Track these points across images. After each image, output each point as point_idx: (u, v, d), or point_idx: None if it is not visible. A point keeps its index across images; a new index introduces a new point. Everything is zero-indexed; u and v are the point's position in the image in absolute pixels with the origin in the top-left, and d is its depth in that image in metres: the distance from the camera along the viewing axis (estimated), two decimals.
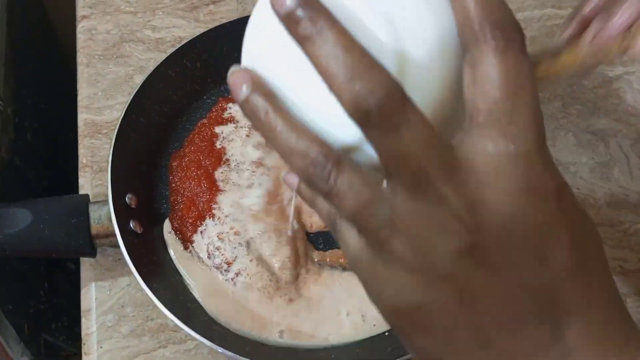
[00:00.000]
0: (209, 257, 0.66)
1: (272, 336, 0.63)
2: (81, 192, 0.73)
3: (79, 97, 0.81)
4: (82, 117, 0.79)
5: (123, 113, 0.70)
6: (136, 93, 0.72)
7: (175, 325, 0.60)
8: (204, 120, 0.76)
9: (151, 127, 0.74)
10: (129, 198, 0.67)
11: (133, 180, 0.70)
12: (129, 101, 0.71)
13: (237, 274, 0.65)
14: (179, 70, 0.77)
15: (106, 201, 0.64)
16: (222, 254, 0.66)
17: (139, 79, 0.76)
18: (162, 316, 0.65)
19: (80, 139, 0.77)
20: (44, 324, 0.82)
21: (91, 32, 0.86)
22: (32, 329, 0.77)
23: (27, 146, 0.85)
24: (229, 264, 0.66)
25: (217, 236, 0.67)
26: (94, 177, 0.74)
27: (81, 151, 0.76)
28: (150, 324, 0.66)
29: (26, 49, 0.92)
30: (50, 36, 0.99)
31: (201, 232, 0.67)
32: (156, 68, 0.75)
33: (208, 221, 0.67)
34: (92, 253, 0.64)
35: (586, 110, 0.88)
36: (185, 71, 0.78)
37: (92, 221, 0.63)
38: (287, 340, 0.64)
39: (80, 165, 0.75)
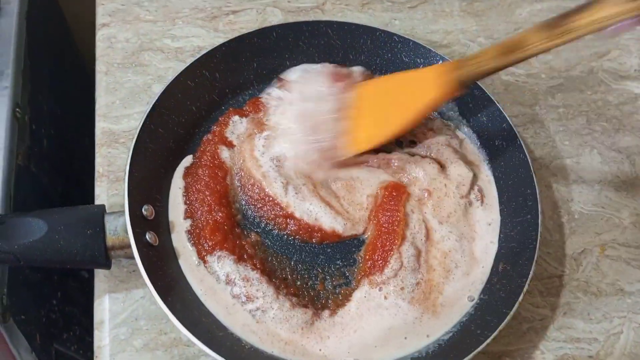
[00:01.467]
0: (227, 284, 0.65)
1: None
2: (97, 201, 0.73)
3: (97, 106, 0.80)
4: (100, 125, 0.78)
5: (141, 123, 0.69)
6: (155, 103, 0.71)
7: (189, 340, 0.59)
8: (209, 136, 0.75)
9: (169, 138, 0.73)
10: (145, 209, 0.66)
11: (150, 191, 0.69)
12: (148, 111, 0.70)
13: (262, 311, 0.64)
14: (197, 80, 0.76)
15: (122, 212, 0.63)
16: (243, 288, 0.64)
17: (158, 89, 0.75)
18: (175, 330, 0.64)
19: (97, 147, 0.77)
20: (56, 333, 0.81)
21: (110, 40, 0.86)
22: (44, 339, 0.76)
23: (43, 153, 0.84)
24: (249, 298, 0.64)
25: (242, 278, 0.65)
26: (110, 187, 0.73)
27: (98, 160, 0.76)
28: (163, 338, 0.65)
29: (45, 56, 0.92)
30: (69, 44, 0.99)
31: (218, 257, 0.66)
32: (175, 78, 0.74)
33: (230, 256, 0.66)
34: (107, 264, 0.63)
35: (611, 127, 0.86)
36: (204, 81, 0.77)
37: (107, 232, 0.62)
38: None
39: (97, 174, 0.75)
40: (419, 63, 0.81)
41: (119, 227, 0.62)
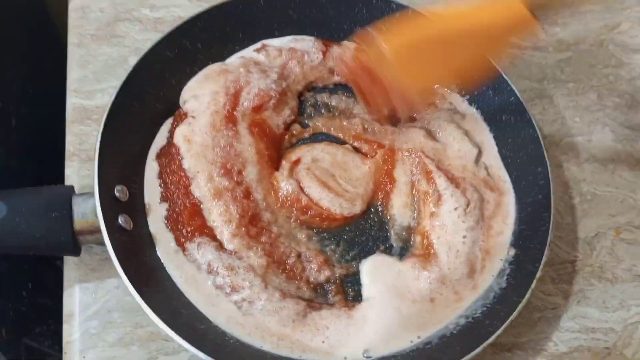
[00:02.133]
0: (209, 273, 0.59)
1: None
2: (67, 182, 0.66)
3: (68, 80, 0.73)
4: (71, 101, 0.72)
5: (114, 97, 0.63)
6: (129, 74, 0.65)
7: (167, 334, 0.53)
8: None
9: (145, 114, 0.66)
10: (118, 190, 0.60)
11: (124, 171, 0.62)
12: (122, 84, 0.64)
13: (248, 302, 0.58)
14: (177, 51, 0.70)
15: (92, 193, 0.57)
16: (227, 278, 0.58)
17: (134, 61, 0.68)
18: (152, 324, 0.58)
19: (68, 125, 0.70)
20: (26, 327, 0.75)
21: (84, 10, 0.79)
22: (11, 334, 0.69)
23: (11, 133, 0.78)
24: (234, 289, 0.58)
25: (225, 266, 0.58)
26: (82, 167, 0.67)
27: (69, 138, 0.69)
28: (139, 331, 0.59)
29: (15, 28, 0.85)
30: (42, 15, 0.92)
31: (198, 243, 0.60)
32: (152, 48, 0.68)
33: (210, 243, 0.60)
34: (76, 251, 0.57)
35: (623, 103, 0.80)
36: (185, 53, 0.70)
37: (75, 215, 0.56)
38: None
39: (67, 153, 0.68)
40: None
41: (89, 210, 0.56)
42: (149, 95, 0.67)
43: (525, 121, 0.69)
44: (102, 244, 0.56)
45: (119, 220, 0.58)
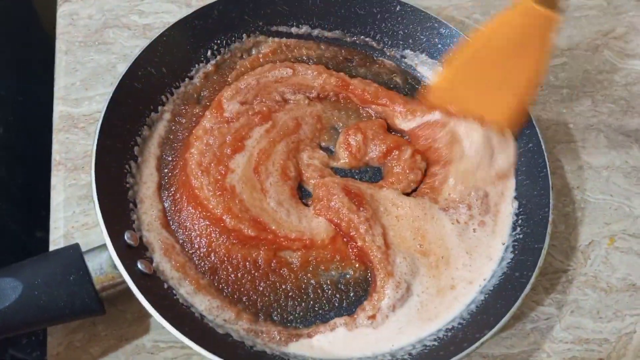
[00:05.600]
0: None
1: None
2: (53, 192, 0.65)
3: (56, 88, 0.73)
4: (58, 109, 0.71)
5: (98, 129, 0.59)
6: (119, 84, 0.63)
7: (160, 346, 0.52)
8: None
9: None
10: (128, 238, 0.56)
11: (127, 212, 0.59)
12: (107, 101, 0.61)
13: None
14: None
15: (103, 246, 0.54)
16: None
17: (123, 68, 0.67)
18: (137, 336, 0.57)
19: (54, 133, 0.69)
20: (12, 338, 0.73)
21: (72, 17, 0.78)
22: None
23: None
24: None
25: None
26: (68, 176, 0.66)
27: (55, 147, 0.68)
28: (124, 344, 0.58)
29: (3, 35, 0.84)
30: (31, 22, 0.91)
31: None
32: (142, 52, 0.66)
33: None
34: (102, 310, 0.54)
35: (618, 109, 0.79)
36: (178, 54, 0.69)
37: (93, 273, 0.52)
38: None
39: (53, 162, 0.67)
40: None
41: (104, 264, 0.53)
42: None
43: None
44: (127, 296, 0.53)
45: (139, 267, 0.55)
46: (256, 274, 0.60)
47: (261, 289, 0.59)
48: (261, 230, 0.61)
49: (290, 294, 0.59)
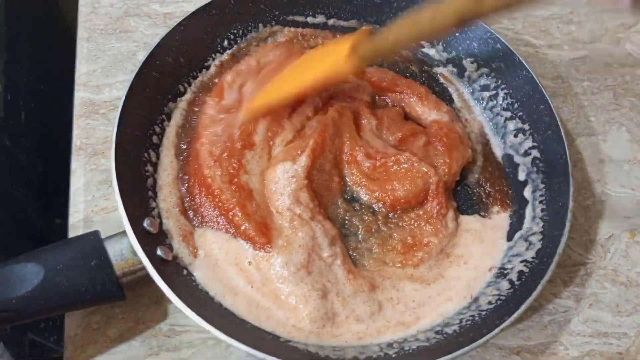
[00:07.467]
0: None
1: None
2: (73, 177, 0.66)
3: (77, 74, 0.73)
4: (79, 95, 0.72)
5: (117, 124, 0.58)
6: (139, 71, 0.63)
7: (169, 330, 0.52)
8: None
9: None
10: (148, 224, 0.57)
11: (146, 200, 0.60)
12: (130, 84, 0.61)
13: None
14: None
15: (122, 232, 0.54)
16: None
17: (143, 56, 0.68)
18: (154, 319, 0.58)
19: (75, 118, 0.70)
20: (31, 322, 0.74)
21: (94, 5, 0.79)
22: (16, 328, 0.69)
23: (20, 128, 0.77)
24: None
25: None
26: (88, 161, 0.67)
27: (76, 132, 0.69)
28: (141, 327, 0.58)
29: (25, 22, 0.85)
30: (52, 10, 0.92)
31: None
32: (161, 41, 0.67)
33: None
34: (122, 295, 0.54)
35: None
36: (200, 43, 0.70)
37: (113, 259, 0.53)
38: None
39: (74, 147, 0.68)
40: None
41: (125, 251, 0.53)
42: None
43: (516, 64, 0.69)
44: (146, 281, 0.53)
45: (158, 252, 0.56)
46: None
47: None
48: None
49: None
